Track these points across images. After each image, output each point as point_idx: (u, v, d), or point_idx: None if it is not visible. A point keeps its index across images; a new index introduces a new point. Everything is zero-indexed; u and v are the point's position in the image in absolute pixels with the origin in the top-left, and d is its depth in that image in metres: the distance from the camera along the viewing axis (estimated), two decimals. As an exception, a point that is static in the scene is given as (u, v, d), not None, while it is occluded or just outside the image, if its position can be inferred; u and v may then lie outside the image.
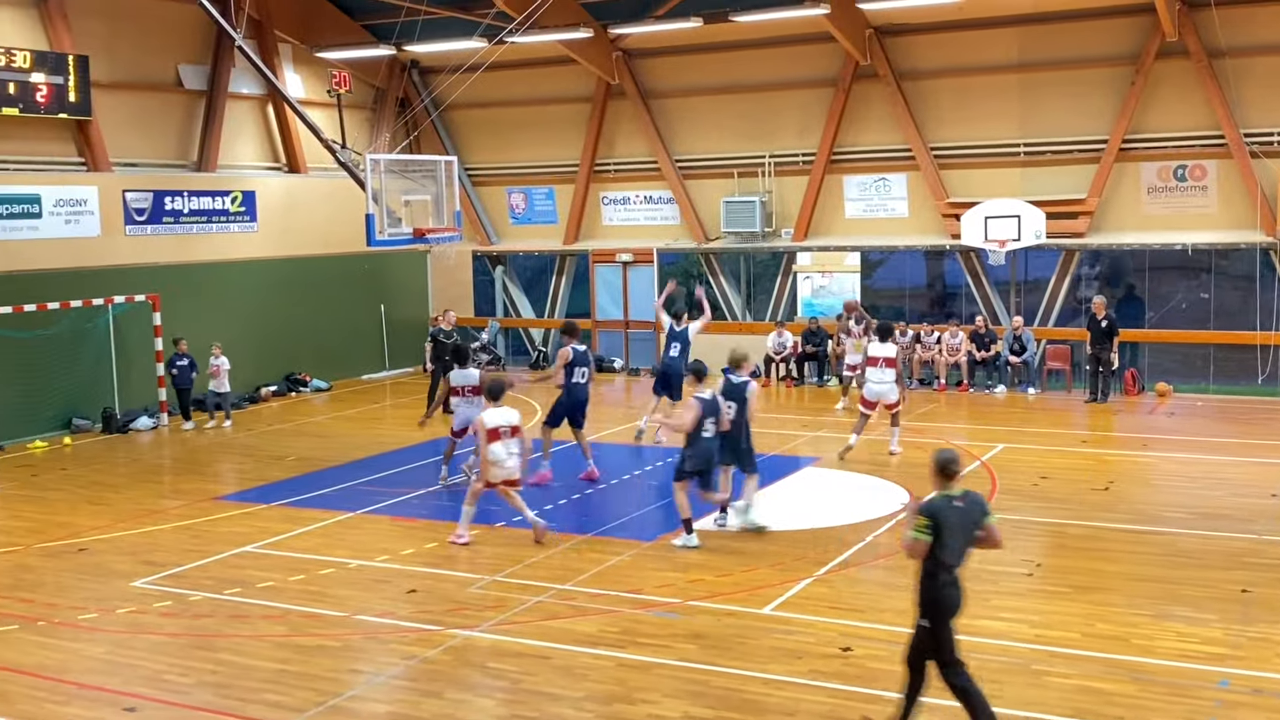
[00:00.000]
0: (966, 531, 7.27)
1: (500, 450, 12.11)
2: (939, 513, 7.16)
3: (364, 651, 9.59)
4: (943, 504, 7.23)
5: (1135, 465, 15.50)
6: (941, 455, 7.33)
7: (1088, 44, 20.80)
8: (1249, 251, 20.38)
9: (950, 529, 7.16)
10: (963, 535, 7.25)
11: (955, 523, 7.19)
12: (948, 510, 7.19)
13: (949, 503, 7.24)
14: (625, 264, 25.34)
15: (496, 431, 12.08)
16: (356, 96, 24.25)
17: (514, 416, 12.28)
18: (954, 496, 7.27)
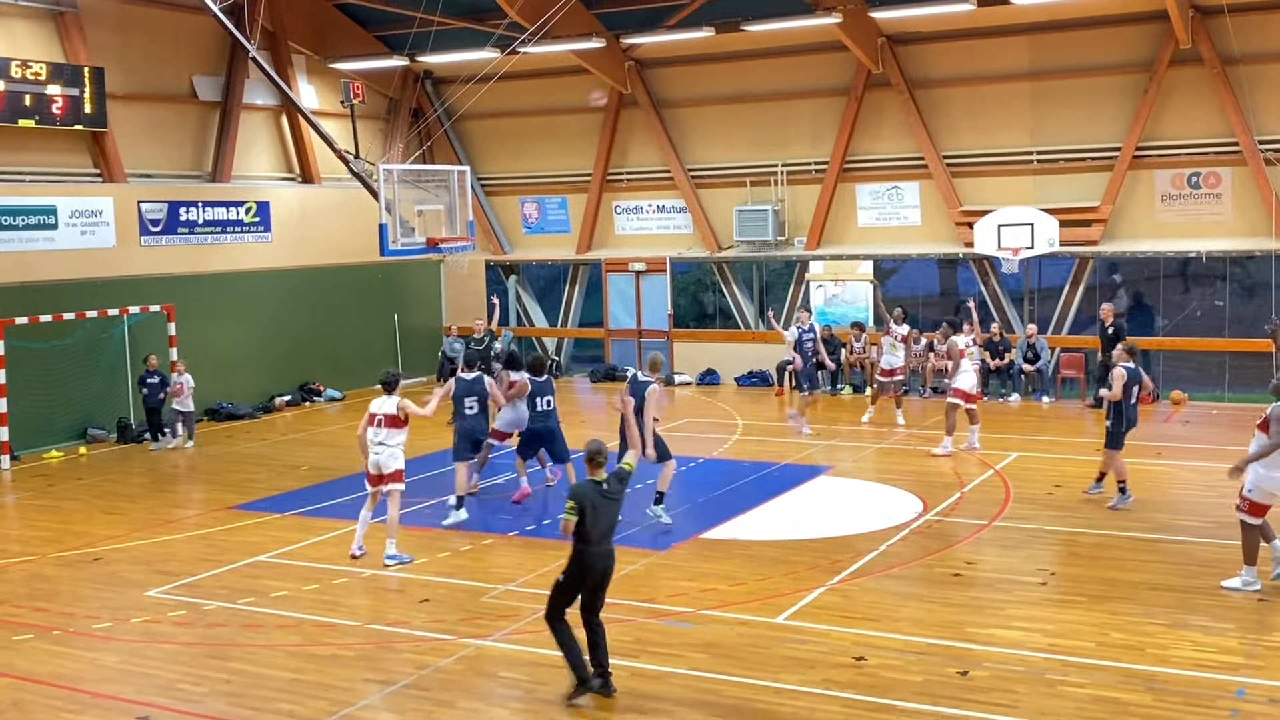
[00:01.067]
0: (612, 510, 8.56)
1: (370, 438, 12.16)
2: (584, 496, 8.46)
3: (377, 661, 9.59)
4: (588, 488, 8.52)
5: (1150, 474, 15.43)
6: (590, 446, 8.67)
7: (1100, 52, 20.77)
8: (1264, 259, 20.30)
9: (595, 509, 8.43)
10: (608, 514, 8.52)
11: (600, 504, 8.46)
12: (593, 494, 8.48)
13: (595, 487, 8.53)
14: (638, 273, 25.36)
15: (373, 418, 12.15)
16: (370, 107, 24.34)
17: (390, 406, 12.18)
18: (600, 481, 8.55)
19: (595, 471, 8.62)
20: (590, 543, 8.47)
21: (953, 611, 10.21)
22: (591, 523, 8.43)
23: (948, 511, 13.59)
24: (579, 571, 8.51)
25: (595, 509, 8.45)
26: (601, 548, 8.53)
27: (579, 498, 8.46)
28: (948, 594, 10.70)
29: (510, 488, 15.08)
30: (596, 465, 8.63)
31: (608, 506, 8.54)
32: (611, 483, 8.61)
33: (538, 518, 13.85)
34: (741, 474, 15.92)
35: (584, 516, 8.42)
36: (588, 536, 8.46)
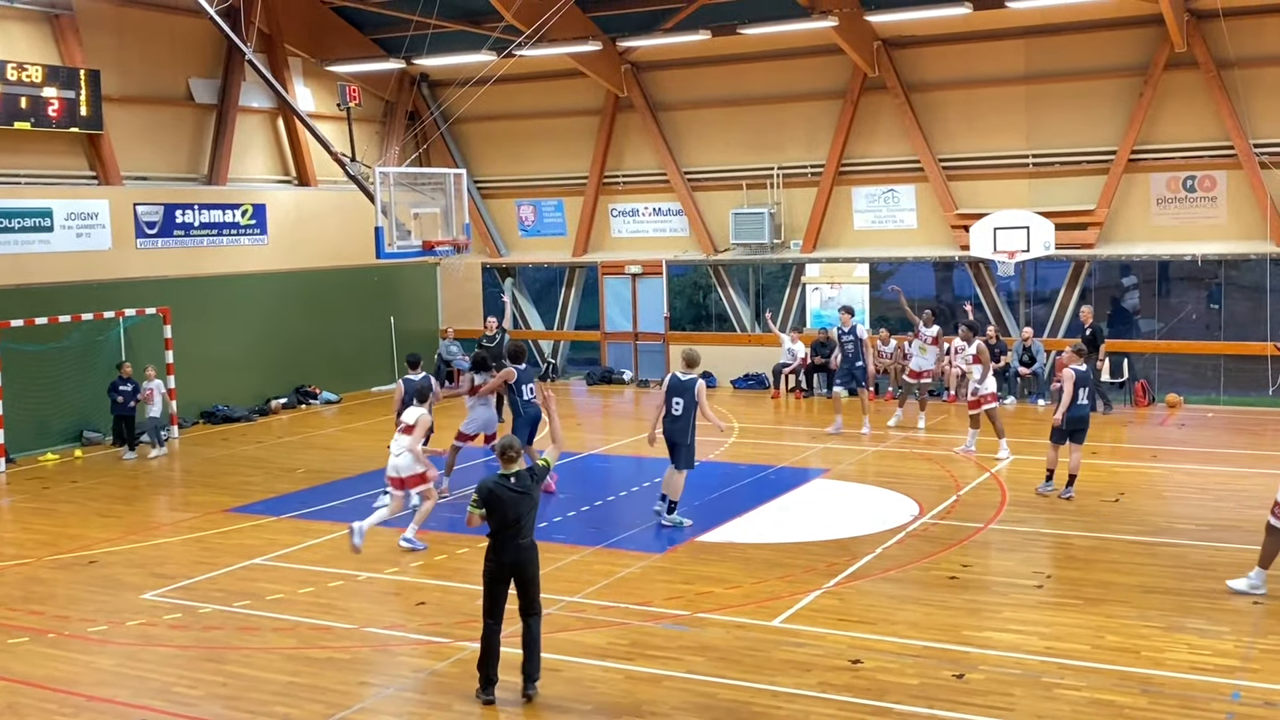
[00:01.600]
0: (519, 504, 8.58)
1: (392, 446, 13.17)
2: (486, 490, 8.63)
3: (373, 664, 9.59)
4: (494, 484, 8.62)
5: (1145, 477, 15.45)
6: (500, 442, 8.80)
7: (1096, 55, 20.81)
8: (1259, 262, 20.35)
9: (501, 503, 8.55)
10: (515, 508, 8.57)
11: (506, 497, 8.56)
12: (499, 489, 8.60)
13: (499, 481, 8.63)
14: (634, 276, 25.36)
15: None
16: (366, 110, 24.34)
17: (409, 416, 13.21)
18: (506, 475, 8.64)
19: (506, 466, 8.69)
20: (497, 536, 8.61)
21: (949, 614, 10.21)
22: (499, 517, 8.57)
23: (944, 514, 13.60)
24: (491, 565, 8.63)
25: (501, 502, 8.56)
26: (511, 542, 8.59)
27: (481, 491, 8.64)
28: (944, 597, 10.70)
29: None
30: (507, 460, 8.70)
31: (514, 500, 8.58)
32: (522, 477, 8.66)
33: (534, 521, 13.81)
34: (738, 477, 15.93)
35: (491, 511, 8.59)
36: (496, 530, 8.62)
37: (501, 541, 8.61)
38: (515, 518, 8.60)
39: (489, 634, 8.65)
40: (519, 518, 8.62)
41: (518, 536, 8.62)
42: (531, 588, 8.72)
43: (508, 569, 8.61)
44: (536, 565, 8.77)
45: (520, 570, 8.64)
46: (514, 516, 8.60)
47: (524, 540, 8.66)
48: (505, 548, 8.60)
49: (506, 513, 8.58)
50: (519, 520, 8.62)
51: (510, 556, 8.60)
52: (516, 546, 8.62)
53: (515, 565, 8.62)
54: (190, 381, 20.88)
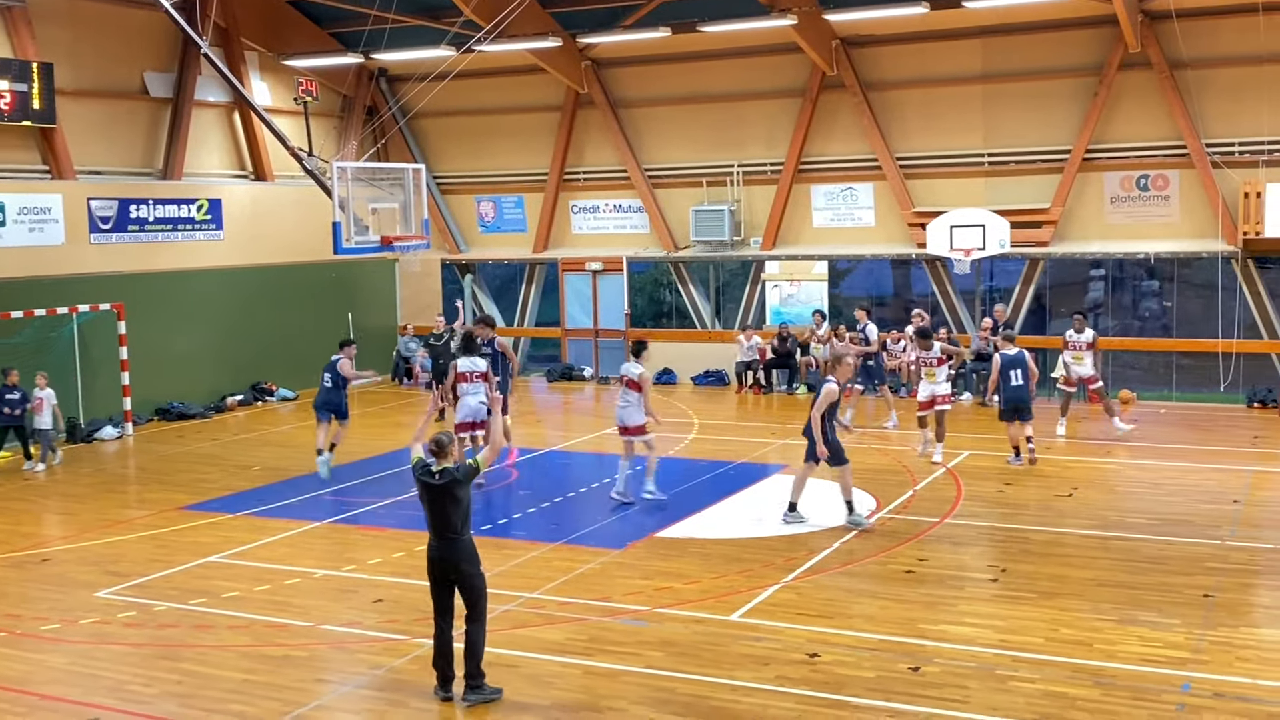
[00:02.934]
0: (439, 501, 8.49)
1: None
2: (415, 480, 8.68)
3: (330, 661, 9.54)
4: (419, 474, 8.61)
5: (1099, 472, 15.64)
6: (436, 435, 8.71)
7: (1051, 55, 21.02)
8: (1211, 260, 20.63)
9: (424, 496, 8.58)
10: (434, 504, 8.51)
11: (428, 492, 8.54)
12: (421, 480, 8.58)
13: (424, 474, 8.57)
14: (595, 272, 25.36)
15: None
16: (324, 104, 24.16)
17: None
18: (431, 470, 8.57)
19: (437, 459, 8.59)
20: (429, 530, 8.62)
21: (905, 608, 10.30)
22: (425, 509, 8.60)
23: (901, 509, 13.71)
24: (427, 561, 8.65)
25: (424, 494, 8.58)
26: (438, 537, 8.54)
27: (414, 472, 8.71)
28: (900, 591, 10.79)
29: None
30: (437, 453, 8.60)
31: (435, 494, 8.50)
32: (447, 472, 8.51)
33: (493, 517, 13.80)
34: (697, 473, 15.97)
35: (421, 502, 8.69)
36: (427, 524, 8.64)
37: (431, 536, 8.58)
38: (437, 512, 8.51)
39: (438, 632, 8.65)
40: (441, 512, 8.50)
41: (445, 531, 8.51)
42: (467, 590, 8.56)
43: (436, 565, 8.54)
44: (471, 565, 8.54)
45: (451, 568, 8.52)
46: (436, 510, 8.52)
47: (451, 536, 8.52)
48: (432, 542, 8.57)
49: (428, 506, 8.55)
50: (442, 515, 8.51)
51: (435, 552, 8.53)
52: (442, 542, 8.52)
53: (442, 561, 8.51)
54: (145, 378, 20.65)
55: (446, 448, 8.63)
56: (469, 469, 8.64)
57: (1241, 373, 20.57)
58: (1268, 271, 20.56)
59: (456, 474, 8.53)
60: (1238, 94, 19.85)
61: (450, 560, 8.51)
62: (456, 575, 8.54)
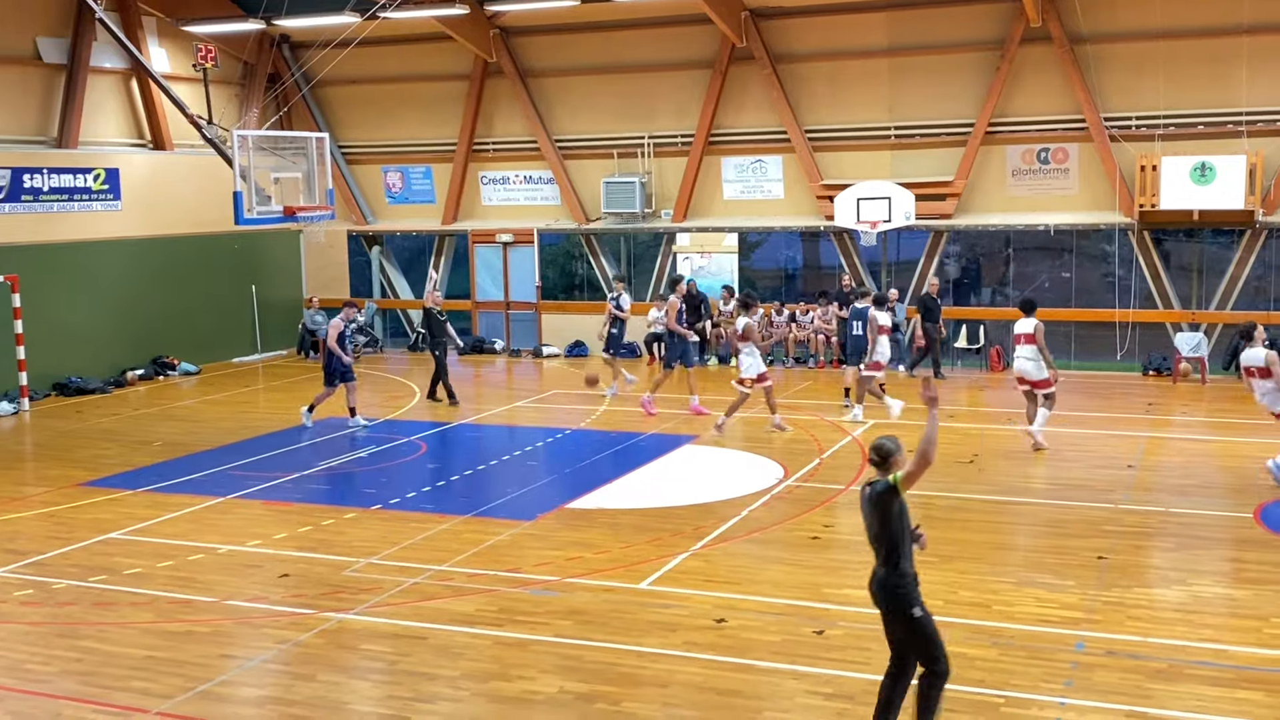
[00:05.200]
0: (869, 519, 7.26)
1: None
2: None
3: (235, 637, 9.42)
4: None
5: (1000, 439, 16.01)
6: (878, 443, 7.23)
7: (955, 29, 21.32)
8: (1108, 232, 21.17)
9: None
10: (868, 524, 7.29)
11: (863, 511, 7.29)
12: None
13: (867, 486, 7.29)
14: (505, 244, 25.20)
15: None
16: (224, 71, 23.62)
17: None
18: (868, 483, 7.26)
19: (880, 471, 7.19)
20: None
21: (810, 573, 10.47)
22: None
23: (807, 477, 13.91)
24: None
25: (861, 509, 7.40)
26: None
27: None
28: (806, 556, 10.96)
29: (358, 463, 14.90)
30: (882, 465, 7.18)
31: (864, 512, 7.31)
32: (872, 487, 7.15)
33: (401, 490, 13.71)
34: (609, 444, 16.02)
35: None
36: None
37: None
38: (868, 533, 7.25)
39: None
40: (870, 534, 7.24)
41: (875, 558, 7.24)
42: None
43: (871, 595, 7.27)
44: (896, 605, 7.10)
45: (876, 602, 7.27)
46: (868, 531, 7.25)
47: (879, 567, 7.22)
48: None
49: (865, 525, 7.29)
50: (870, 537, 7.25)
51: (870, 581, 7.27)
52: (874, 571, 7.27)
53: (871, 592, 7.26)
54: (42, 352, 20.11)
55: (891, 456, 7.14)
56: (887, 486, 7.08)
57: (1137, 342, 21.18)
58: (1162, 243, 21.17)
59: (874, 490, 7.14)
60: (1135, 69, 20.34)
61: (879, 593, 7.18)
62: (885, 612, 7.16)
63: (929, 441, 7.09)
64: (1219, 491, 13.01)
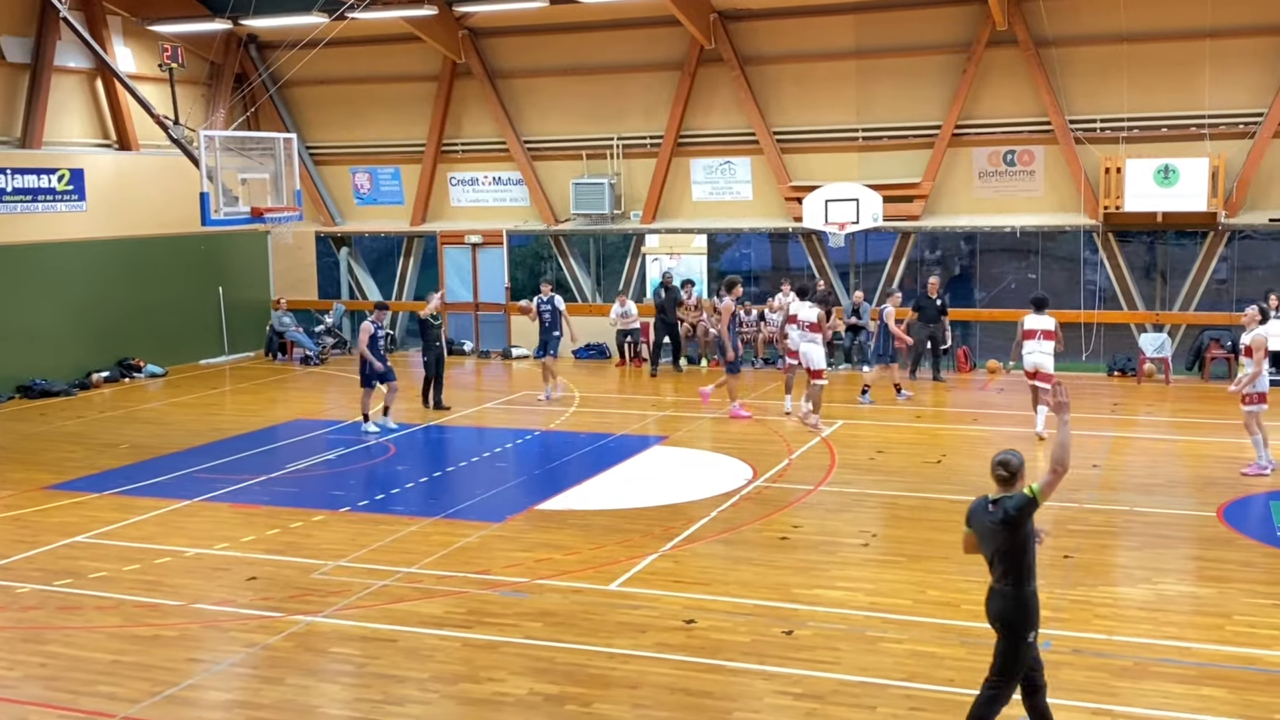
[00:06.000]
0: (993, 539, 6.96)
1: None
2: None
3: (202, 640, 9.36)
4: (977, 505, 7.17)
5: (966, 439, 16.12)
6: (1004, 458, 7.02)
7: (922, 32, 21.44)
8: (1074, 233, 21.35)
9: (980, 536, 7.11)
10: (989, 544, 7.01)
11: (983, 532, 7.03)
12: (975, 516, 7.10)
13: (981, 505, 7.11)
14: (474, 245, 25.14)
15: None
16: (190, 71, 23.43)
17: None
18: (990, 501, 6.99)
19: (1005, 488, 6.99)
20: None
21: (780, 573, 10.50)
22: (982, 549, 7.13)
23: (776, 478, 13.95)
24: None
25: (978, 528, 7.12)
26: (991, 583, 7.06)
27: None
28: (775, 557, 11.00)
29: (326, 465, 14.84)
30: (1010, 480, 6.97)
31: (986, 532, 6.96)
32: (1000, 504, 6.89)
33: (370, 493, 13.67)
34: (578, 445, 16.01)
35: None
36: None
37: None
38: (988, 553, 7.01)
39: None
40: (991, 554, 6.99)
41: (997, 579, 6.97)
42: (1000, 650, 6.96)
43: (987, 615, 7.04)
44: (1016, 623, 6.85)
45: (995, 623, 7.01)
46: (987, 552, 7.01)
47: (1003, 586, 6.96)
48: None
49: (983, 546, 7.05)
50: (991, 558, 7.00)
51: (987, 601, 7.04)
52: (991, 591, 7.02)
53: (989, 614, 7.01)
54: (5, 354, 19.95)
55: (1020, 471, 6.92)
56: (1024, 500, 6.78)
57: (1102, 342, 21.38)
58: (1127, 245, 21.38)
59: (1006, 506, 6.81)
60: (1100, 72, 20.52)
61: (997, 613, 6.91)
62: (1002, 632, 6.91)
63: (1062, 448, 6.90)
64: (1183, 490, 13.15)
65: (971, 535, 7.11)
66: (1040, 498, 6.76)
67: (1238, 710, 7.66)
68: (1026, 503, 6.74)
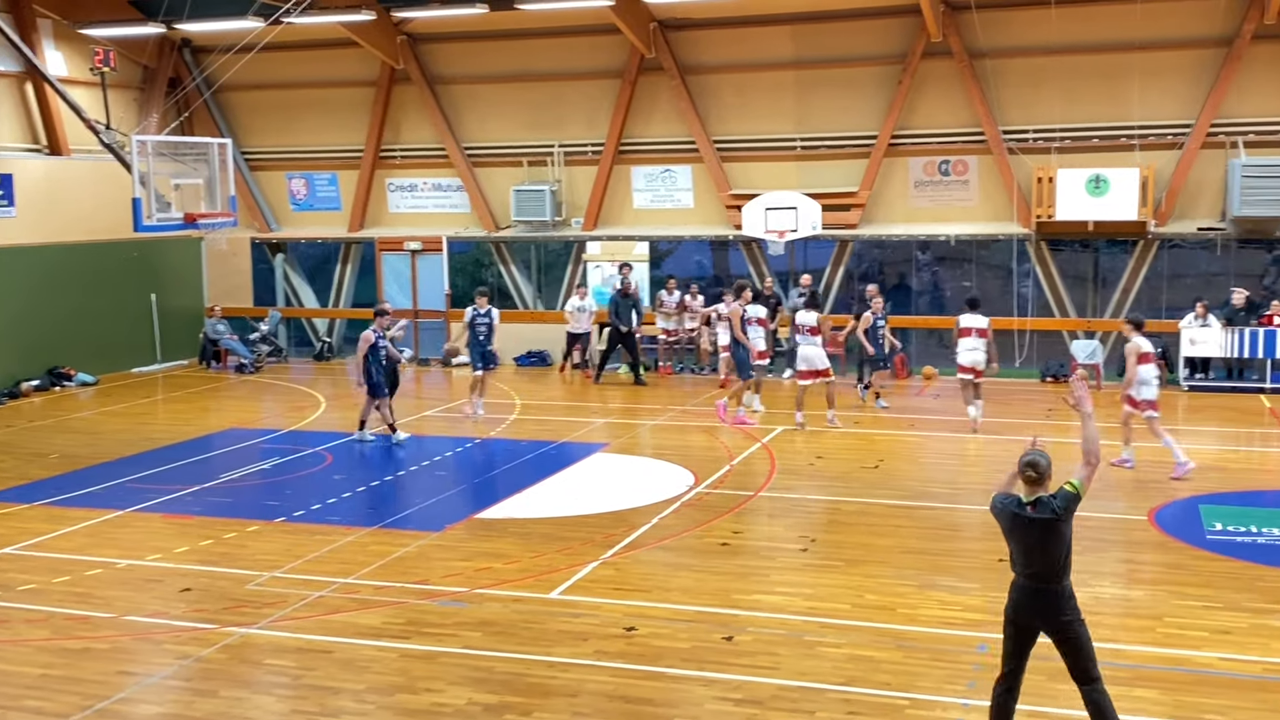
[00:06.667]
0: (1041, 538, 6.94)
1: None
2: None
3: (134, 653, 9.19)
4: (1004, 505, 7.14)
5: (903, 444, 16.28)
6: (1032, 459, 6.96)
7: (859, 43, 21.66)
8: (1007, 242, 21.66)
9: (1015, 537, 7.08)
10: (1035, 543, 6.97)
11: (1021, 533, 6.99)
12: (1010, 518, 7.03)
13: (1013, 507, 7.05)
14: (414, 252, 24.97)
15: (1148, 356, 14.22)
16: (123, 75, 23.07)
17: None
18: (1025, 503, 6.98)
19: (1036, 488, 6.98)
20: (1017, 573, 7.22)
21: (720, 579, 10.54)
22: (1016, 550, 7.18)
23: (717, 484, 14.00)
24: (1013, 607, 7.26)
25: (1014, 531, 7.09)
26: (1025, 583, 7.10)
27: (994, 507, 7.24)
28: (716, 563, 11.03)
29: (261, 475, 14.66)
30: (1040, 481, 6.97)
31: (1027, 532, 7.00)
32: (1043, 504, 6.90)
33: (305, 502, 13.51)
34: (519, 453, 15.96)
35: None
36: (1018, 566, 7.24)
37: (1020, 580, 7.12)
38: (1034, 553, 6.97)
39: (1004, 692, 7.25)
40: (1041, 554, 6.95)
41: (1046, 579, 6.98)
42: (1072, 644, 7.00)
43: (1024, 613, 7.07)
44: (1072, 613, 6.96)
45: (1046, 620, 7.05)
46: (1033, 551, 6.97)
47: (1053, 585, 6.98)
48: (1022, 586, 7.10)
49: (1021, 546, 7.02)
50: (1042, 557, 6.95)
51: (1027, 601, 7.05)
52: (1038, 591, 7.01)
53: (1032, 612, 7.05)
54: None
55: (1049, 470, 6.96)
56: (1069, 496, 6.88)
57: (1035, 349, 21.70)
58: (1059, 253, 21.74)
59: (1054, 504, 6.87)
60: (1032, 83, 20.85)
61: (1053, 612, 6.96)
62: (1059, 629, 6.97)
63: (1091, 441, 7.05)
64: (1114, 495, 13.37)
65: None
66: (1082, 491, 6.91)
67: (1169, 711, 7.80)
68: (1072, 498, 6.89)
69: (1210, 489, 13.37)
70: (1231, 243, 20.70)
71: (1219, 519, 12.20)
